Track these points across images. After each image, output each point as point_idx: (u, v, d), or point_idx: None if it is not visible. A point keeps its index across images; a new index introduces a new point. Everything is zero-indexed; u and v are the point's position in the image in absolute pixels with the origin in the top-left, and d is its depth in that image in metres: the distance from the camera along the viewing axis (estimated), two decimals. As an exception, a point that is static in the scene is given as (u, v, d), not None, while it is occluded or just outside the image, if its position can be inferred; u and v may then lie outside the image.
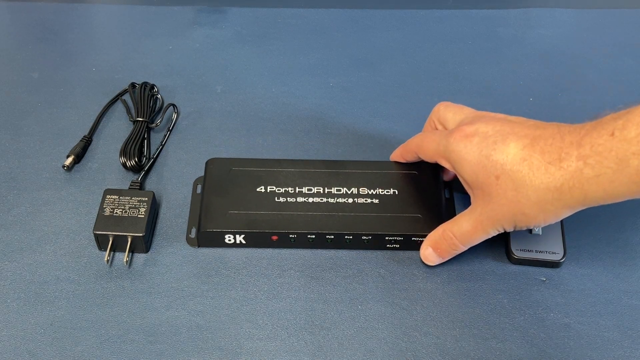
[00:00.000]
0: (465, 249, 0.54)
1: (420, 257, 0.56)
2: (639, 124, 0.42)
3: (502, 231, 0.51)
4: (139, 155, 0.62)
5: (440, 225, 0.54)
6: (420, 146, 0.57)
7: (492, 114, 0.54)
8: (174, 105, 0.67)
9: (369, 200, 0.57)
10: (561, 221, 0.57)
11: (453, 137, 0.52)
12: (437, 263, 0.55)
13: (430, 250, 0.55)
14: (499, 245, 0.57)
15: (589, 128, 0.45)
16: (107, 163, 0.63)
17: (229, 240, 0.56)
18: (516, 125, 0.50)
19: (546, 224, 0.49)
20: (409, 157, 0.59)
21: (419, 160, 0.58)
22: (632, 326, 0.52)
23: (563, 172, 0.45)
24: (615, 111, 0.44)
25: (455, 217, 0.54)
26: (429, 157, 0.56)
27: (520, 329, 0.52)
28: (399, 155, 0.60)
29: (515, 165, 0.47)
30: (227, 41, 0.76)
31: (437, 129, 0.58)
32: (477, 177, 0.50)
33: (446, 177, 0.61)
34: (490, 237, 0.52)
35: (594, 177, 0.44)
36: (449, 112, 0.57)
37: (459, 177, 0.53)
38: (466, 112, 0.55)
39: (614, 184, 0.44)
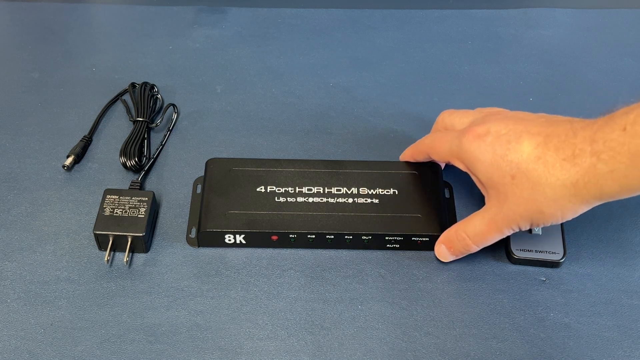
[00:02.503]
0: (479, 249, 0.54)
1: (434, 254, 0.56)
2: None
3: (517, 230, 0.51)
4: (139, 155, 0.62)
5: (454, 225, 0.54)
6: (432, 147, 0.56)
7: (500, 111, 0.54)
8: (174, 105, 0.67)
9: (369, 200, 0.57)
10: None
11: (466, 137, 0.51)
12: (451, 260, 0.56)
13: (444, 248, 0.55)
14: (499, 245, 0.57)
15: (602, 123, 0.44)
16: (107, 163, 0.63)
17: (229, 240, 0.56)
18: (528, 122, 0.49)
19: (564, 221, 0.49)
20: (420, 158, 0.59)
21: (430, 160, 0.58)
22: (632, 326, 0.52)
23: (578, 169, 0.45)
24: (627, 105, 0.44)
25: (469, 217, 0.53)
26: (441, 158, 0.56)
27: (520, 329, 0.52)
28: (409, 155, 0.60)
29: (530, 164, 0.47)
30: (227, 41, 0.76)
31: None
32: (491, 177, 0.50)
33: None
34: (504, 236, 0.52)
35: (608, 172, 0.44)
36: (455, 118, 0.57)
37: (472, 177, 0.53)
38: (472, 113, 0.55)
39: (628, 178, 0.43)
